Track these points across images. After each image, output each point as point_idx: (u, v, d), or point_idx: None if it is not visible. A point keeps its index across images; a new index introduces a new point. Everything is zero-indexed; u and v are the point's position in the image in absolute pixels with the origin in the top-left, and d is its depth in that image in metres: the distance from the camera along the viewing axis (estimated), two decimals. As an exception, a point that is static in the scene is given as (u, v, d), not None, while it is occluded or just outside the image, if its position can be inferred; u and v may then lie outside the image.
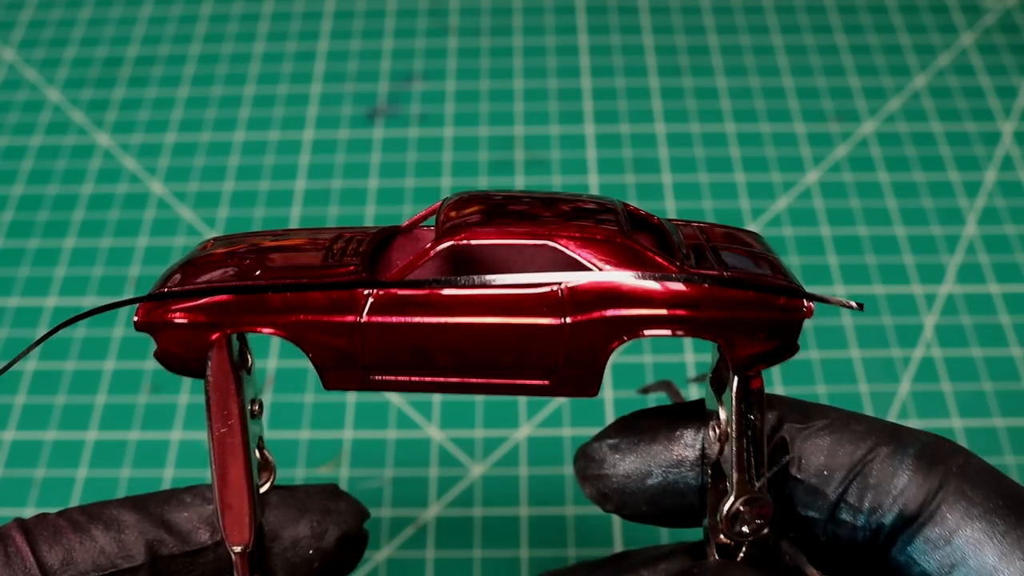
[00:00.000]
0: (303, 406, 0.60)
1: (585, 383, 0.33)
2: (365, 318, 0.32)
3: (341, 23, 0.83)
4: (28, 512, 0.55)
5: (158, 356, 0.33)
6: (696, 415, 0.36)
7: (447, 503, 0.56)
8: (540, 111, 0.76)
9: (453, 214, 0.33)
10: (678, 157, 0.72)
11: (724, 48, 0.80)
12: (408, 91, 0.77)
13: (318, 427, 0.59)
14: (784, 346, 0.33)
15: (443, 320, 0.31)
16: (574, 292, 0.31)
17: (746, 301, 0.32)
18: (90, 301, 0.65)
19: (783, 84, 0.77)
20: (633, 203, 0.39)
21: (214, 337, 0.32)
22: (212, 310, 0.32)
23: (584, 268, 0.31)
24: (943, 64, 0.78)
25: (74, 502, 0.56)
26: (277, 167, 0.72)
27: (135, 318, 0.32)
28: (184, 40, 0.82)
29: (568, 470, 0.57)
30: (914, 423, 0.58)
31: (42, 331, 0.63)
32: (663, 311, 0.31)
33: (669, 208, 0.69)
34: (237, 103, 0.77)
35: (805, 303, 0.32)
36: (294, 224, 0.69)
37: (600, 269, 0.31)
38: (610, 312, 0.31)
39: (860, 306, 0.33)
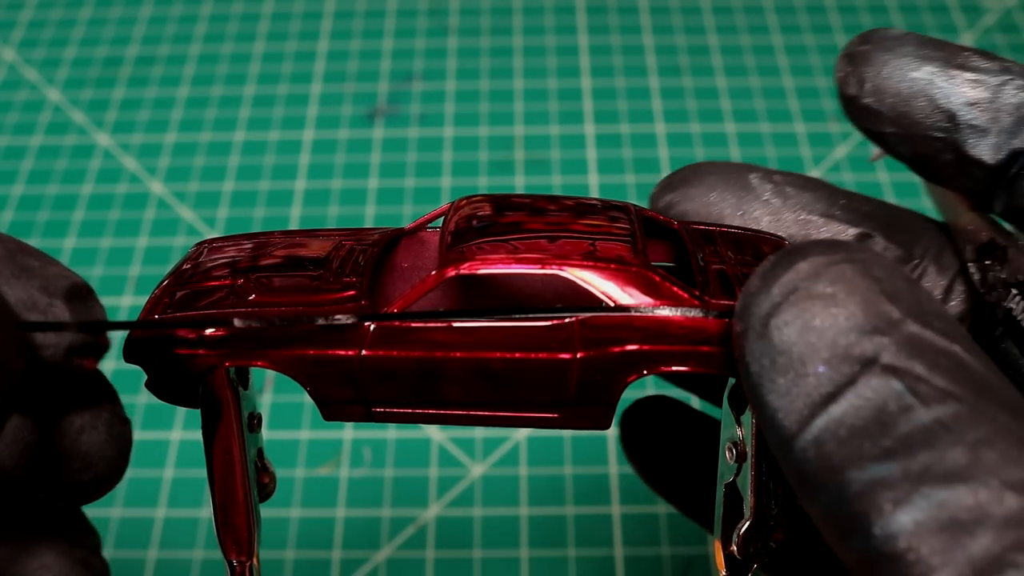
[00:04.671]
0: (303, 406, 0.60)
1: (597, 417, 0.31)
2: (366, 352, 0.30)
3: (341, 23, 0.83)
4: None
5: (150, 388, 0.32)
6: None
7: (447, 503, 0.56)
8: (540, 111, 0.76)
9: (460, 232, 0.32)
10: (678, 157, 0.72)
11: (724, 48, 0.80)
12: (408, 91, 0.77)
13: (318, 427, 0.59)
14: None
15: (448, 355, 0.30)
16: (585, 326, 0.30)
17: None
18: (90, 301, 0.65)
19: (783, 84, 0.77)
20: (633, 204, 0.39)
21: (209, 369, 0.31)
22: (205, 344, 0.31)
23: (596, 300, 0.30)
24: (943, 64, 0.78)
25: (74, 502, 0.56)
26: (277, 167, 0.72)
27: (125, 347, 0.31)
28: (184, 40, 0.81)
29: (568, 470, 0.57)
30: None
31: (42, 331, 0.63)
32: (678, 347, 0.30)
33: (669, 208, 0.69)
34: (237, 103, 0.77)
35: None
36: (294, 224, 0.69)
37: (613, 301, 0.30)
38: (622, 347, 0.30)
39: None
